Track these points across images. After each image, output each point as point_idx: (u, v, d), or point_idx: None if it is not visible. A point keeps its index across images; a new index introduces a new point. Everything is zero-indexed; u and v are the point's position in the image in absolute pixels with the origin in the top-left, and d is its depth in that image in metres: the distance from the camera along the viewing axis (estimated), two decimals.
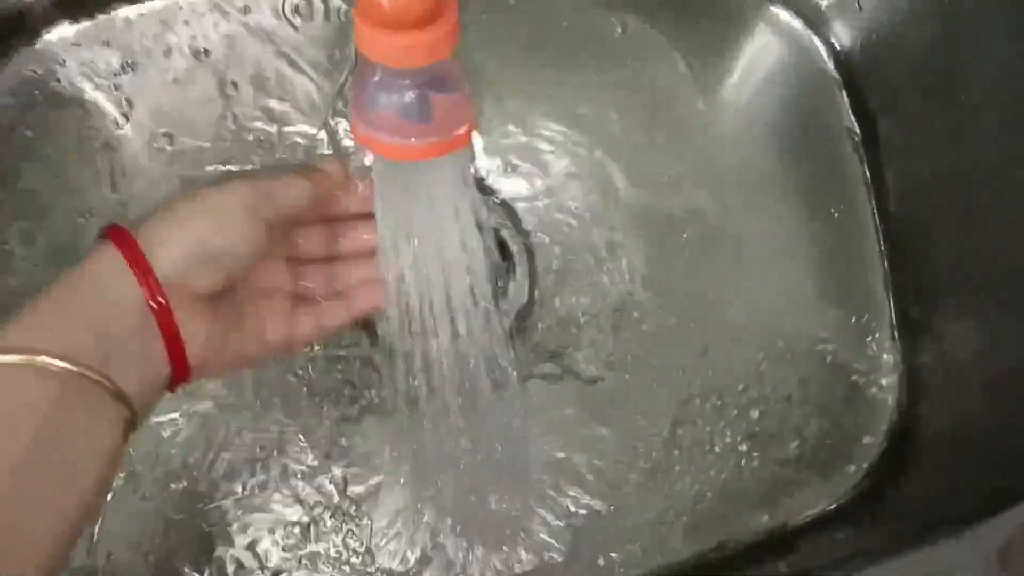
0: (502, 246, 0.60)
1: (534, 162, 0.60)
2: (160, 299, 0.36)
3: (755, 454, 0.57)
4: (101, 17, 0.57)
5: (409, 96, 0.35)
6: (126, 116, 0.57)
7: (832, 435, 0.57)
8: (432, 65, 0.34)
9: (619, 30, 0.60)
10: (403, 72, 0.34)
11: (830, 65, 0.60)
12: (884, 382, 0.57)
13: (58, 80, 0.57)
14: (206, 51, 0.58)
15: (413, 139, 0.35)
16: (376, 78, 0.35)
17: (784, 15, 0.60)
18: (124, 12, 0.57)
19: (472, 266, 0.42)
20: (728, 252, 0.60)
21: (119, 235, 0.37)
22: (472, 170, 0.53)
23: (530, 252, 0.59)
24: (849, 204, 0.60)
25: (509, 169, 0.59)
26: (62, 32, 0.57)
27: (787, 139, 0.60)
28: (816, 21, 0.60)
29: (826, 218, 0.59)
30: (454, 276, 0.42)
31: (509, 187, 0.60)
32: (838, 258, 0.59)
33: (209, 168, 0.58)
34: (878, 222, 0.59)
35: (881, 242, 0.59)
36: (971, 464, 0.50)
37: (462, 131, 0.36)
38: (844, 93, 0.60)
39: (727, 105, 0.60)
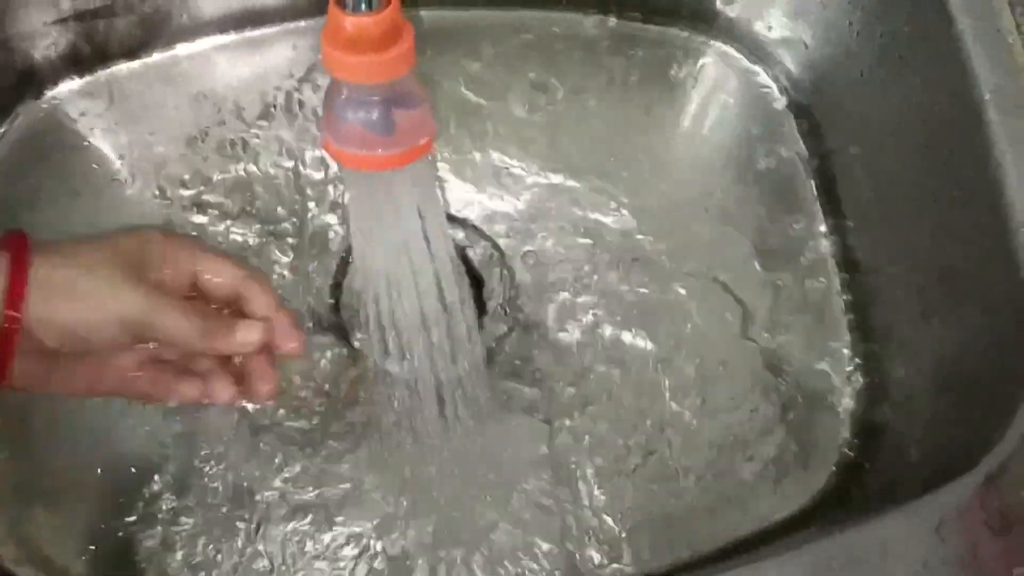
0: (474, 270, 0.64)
1: (499, 189, 0.64)
2: (16, 323, 0.39)
3: (719, 466, 0.59)
4: (102, 72, 0.62)
5: (373, 111, 0.39)
6: (126, 163, 0.62)
7: (794, 445, 0.60)
8: (393, 82, 0.38)
9: (579, 65, 0.65)
10: (367, 89, 0.38)
11: (780, 96, 0.65)
12: (842, 391, 0.60)
13: (64, 130, 0.62)
14: (205, 97, 0.63)
15: (379, 150, 0.39)
16: (343, 96, 0.39)
17: (732, 51, 0.65)
18: (125, 67, 0.62)
19: (442, 272, 0.46)
20: (688, 273, 0.63)
21: (18, 245, 0.40)
22: (436, 182, 0.58)
23: (508, 273, 0.63)
24: (806, 223, 0.63)
25: (477, 196, 0.64)
26: (69, 86, 0.62)
27: (743, 167, 0.64)
28: (763, 55, 0.65)
29: (782, 236, 0.63)
30: (423, 284, 0.46)
31: (477, 213, 0.64)
32: (795, 275, 0.62)
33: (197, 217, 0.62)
34: (832, 238, 0.63)
35: (836, 257, 0.62)
36: (920, 460, 0.53)
37: (423, 142, 0.40)
38: (794, 121, 0.64)
39: (684, 137, 0.65)
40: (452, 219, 0.64)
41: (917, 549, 0.42)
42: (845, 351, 0.61)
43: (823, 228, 0.63)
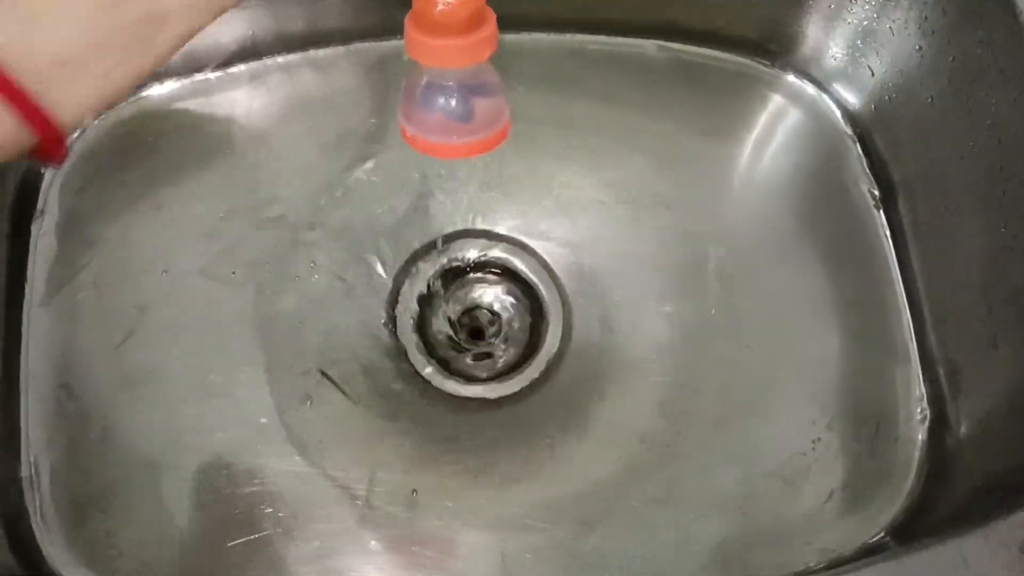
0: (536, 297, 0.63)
1: (563, 217, 0.63)
2: None
3: (783, 496, 0.58)
4: (171, 86, 0.63)
5: (452, 98, 0.39)
6: (191, 173, 0.62)
7: (860, 475, 0.58)
8: (472, 69, 0.39)
9: (638, 91, 0.65)
10: (447, 75, 0.39)
11: (844, 126, 0.64)
12: (910, 419, 0.58)
13: (133, 141, 0.63)
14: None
15: (455, 138, 0.39)
16: (423, 82, 0.39)
17: (796, 79, 0.65)
18: (193, 81, 0.63)
19: None
20: (753, 307, 0.62)
21: None
22: None
23: (564, 303, 0.62)
24: (871, 252, 0.62)
25: (540, 223, 0.63)
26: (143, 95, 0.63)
27: (806, 197, 0.64)
28: (827, 83, 0.64)
29: (848, 272, 0.62)
30: None
31: (539, 242, 0.64)
32: (861, 303, 0.61)
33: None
34: (898, 272, 0.62)
35: (903, 290, 0.61)
36: (991, 486, 0.51)
37: (498, 130, 0.40)
38: (860, 151, 0.63)
39: (745, 167, 0.65)
40: (505, 239, 0.63)
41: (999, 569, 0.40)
42: (914, 378, 0.60)
43: (890, 257, 0.62)
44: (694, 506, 0.57)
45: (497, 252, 0.63)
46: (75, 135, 0.62)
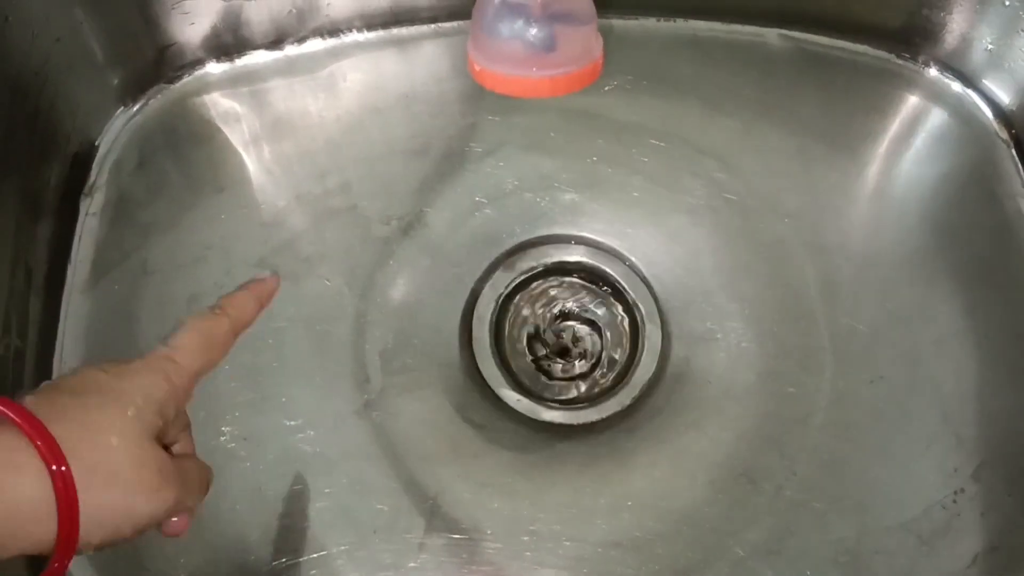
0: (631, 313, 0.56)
1: (664, 225, 0.56)
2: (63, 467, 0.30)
3: (917, 557, 0.49)
4: (239, 62, 0.58)
5: (531, 22, 0.32)
6: (256, 155, 0.57)
7: (1014, 538, 0.49)
8: None
9: (755, 84, 0.58)
10: None
11: (996, 128, 0.56)
12: None
13: (196, 120, 0.57)
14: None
15: (535, 70, 0.32)
16: (497, 2, 0.32)
17: (939, 74, 0.57)
18: (262, 57, 0.58)
19: None
20: (883, 334, 0.54)
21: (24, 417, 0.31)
22: None
23: (663, 320, 0.55)
24: None
25: (638, 231, 0.56)
26: (207, 70, 0.58)
27: (950, 211, 0.56)
28: (976, 80, 0.56)
29: (998, 297, 0.54)
30: None
31: (640, 253, 0.56)
32: (1017, 340, 0.52)
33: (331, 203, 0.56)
34: None
35: None
36: None
37: (587, 66, 0.32)
38: (1015, 156, 0.55)
39: (877, 173, 0.57)
40: (598, 247, 0.56)
41: None
42: None
43: None
44: (809, 560, 0.49)
45: (588, 259, 0.56)
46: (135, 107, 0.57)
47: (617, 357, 0.56)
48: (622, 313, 0.57)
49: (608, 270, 0.56)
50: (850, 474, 0.51)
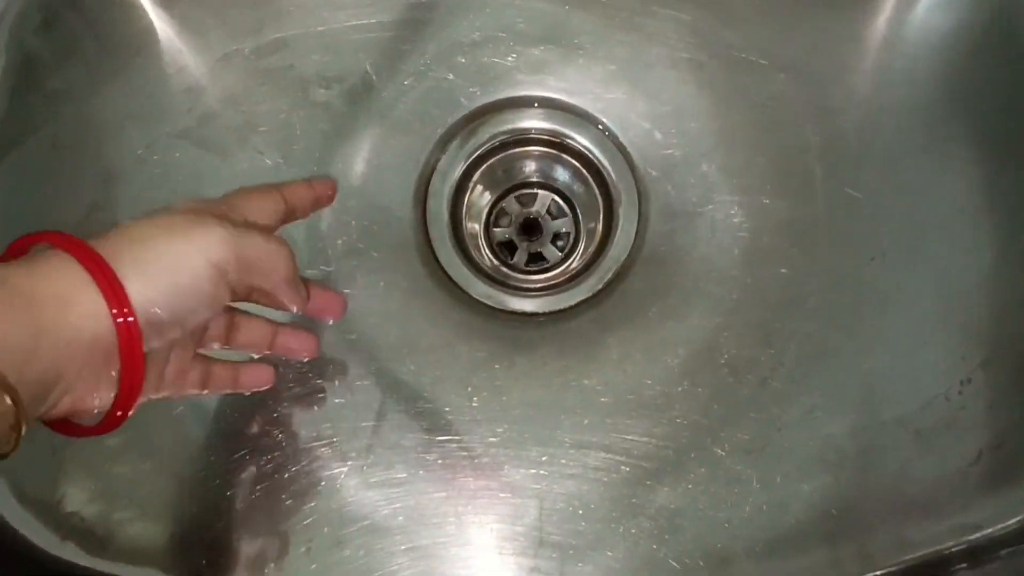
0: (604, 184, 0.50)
1: (642, 82, 0.50)
2: (133, 327, 0.31)
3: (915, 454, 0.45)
4: None
5: None
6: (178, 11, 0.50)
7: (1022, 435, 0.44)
8: None
9: None
10: None
11: None
12: None
13: None
14: None
15: None
16: None
17: None
18: None
19: None
20: (885, 208, 0.48)
21: (82, 251, 0.31)
22: None
23: (640, 192, 0.49)
24: None
25: (612, 89, 0.50)
26: None
27: (968, 69, 0.49)
28: None
29: (1017, 171, 0.48)
30: None
31: (615, 116, 0.50)
32: None
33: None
34: None
35: None
36: None
37: None
38: None
39: (889, 27, 0.50)
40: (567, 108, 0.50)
41: None
42: None
43: None
44: (795, 460, 0.45)
45: (556, 124, 0.50)
46: None
47: (588, 236, 0.51)
48: (594, 186, 0.50)
49: (578, 137, 0.50)
50: (843, 364, 0.47)
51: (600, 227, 0.50)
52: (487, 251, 0.51)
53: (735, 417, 0.46)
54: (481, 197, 0.52)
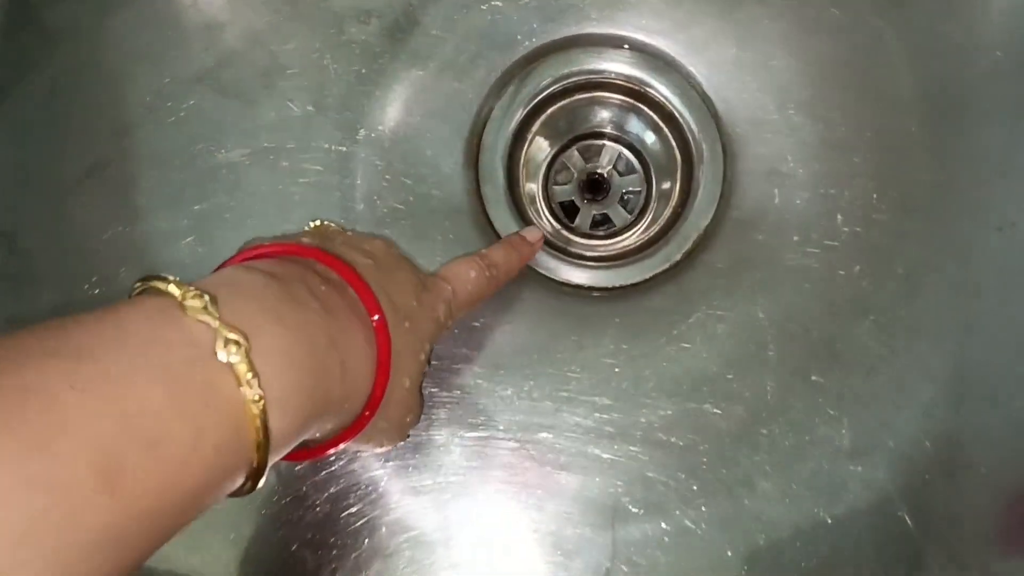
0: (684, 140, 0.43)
1: (738, 24, 0.43)
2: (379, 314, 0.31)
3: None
4: None
5: None
6: None
7: None
8: None
9: None
10: None
11: None
12: None
13: None
14: None
15: None
16: None
17: None
18: None
19: None
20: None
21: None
22: None
23: (725, 151, 0.42)
24: None
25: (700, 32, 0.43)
26: None
27: None
28: None
29: None
30: None
31: (699, 59, 0.43)
32: None
33: None
34: None
35: None
36: None
37: None
38: None
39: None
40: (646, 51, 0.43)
41: None
42: None
43: None
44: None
45: (630, 68, 0.43)
46: None
47: (660, 199, 0.44)
48: (672, 139, 0.44)
49: (654, 83, 0.43)
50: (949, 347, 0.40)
51: (677, 188, 0.44)
52: (547, 214, 0.45)
53: (836, 415, 0.40)
54: (540, 151, 0.45)
